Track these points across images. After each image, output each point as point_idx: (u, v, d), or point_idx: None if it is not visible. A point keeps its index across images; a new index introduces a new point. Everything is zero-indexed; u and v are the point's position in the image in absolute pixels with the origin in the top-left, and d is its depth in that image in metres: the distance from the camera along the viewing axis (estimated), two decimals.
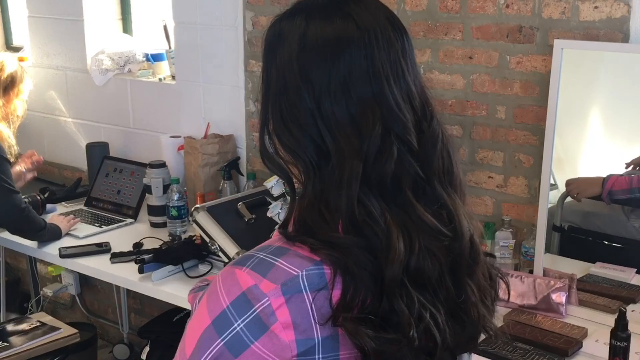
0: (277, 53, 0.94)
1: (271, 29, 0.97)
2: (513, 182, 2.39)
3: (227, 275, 0.90)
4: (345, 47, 0.91)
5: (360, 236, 0.88)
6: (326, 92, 0.90)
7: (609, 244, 2.23)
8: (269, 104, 0.95)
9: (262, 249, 0.92)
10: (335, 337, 0.89)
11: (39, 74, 3.74)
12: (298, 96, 0.91)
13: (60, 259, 2.67)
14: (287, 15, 0.96)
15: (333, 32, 0.91)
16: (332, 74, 0.90)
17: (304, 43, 0.92)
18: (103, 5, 3.50)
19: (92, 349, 3.40)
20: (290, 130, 0.92)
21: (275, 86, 0.94)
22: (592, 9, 2.15)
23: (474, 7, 2.36)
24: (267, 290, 0.87)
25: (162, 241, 2.63)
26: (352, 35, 0.91)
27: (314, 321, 0.87)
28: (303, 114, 0.91)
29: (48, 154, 3.82)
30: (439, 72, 2.47)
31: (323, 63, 0.91)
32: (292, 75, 0.92)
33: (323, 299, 0.88)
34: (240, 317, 0.87)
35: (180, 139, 3.07)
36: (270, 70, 0.95)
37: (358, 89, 0.90)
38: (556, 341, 1.91)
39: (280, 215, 2.28)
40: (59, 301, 3.97)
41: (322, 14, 0.93)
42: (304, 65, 0.91)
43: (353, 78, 0.90)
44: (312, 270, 0.88)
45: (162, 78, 3.30)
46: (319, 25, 0.92)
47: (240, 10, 2.93)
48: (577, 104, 2.25)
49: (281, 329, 0.86)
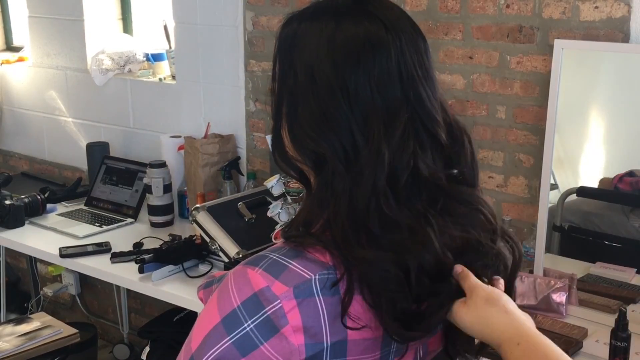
0: (300, 53, 0.93)
1: (289, 29, 0.95)
2: (513, 182, 2.39)
3: (240, 274, 0.90)
4: (378, 49, 0.91)
5: (386, 244, 0.88)
6: (361, 94, 0.90)
7: (609, 244, 2.23)
8: (285, 103, 0.94)
9: (275, 250, 0.92)
10: (344, 342, 0.89)
11: (39, 74, 3.74)
12: (330, 97, 0.90)
13: (60, 258, 2.67)
14: (309, 15, 0.95)
15: (364, 33, 0.91)
16: (366, 76, 0.90)
17: (334, 44, 0.91)
18: (103, 5, 3.50)
19: (92, 349, 3.41)
20: (316, 130, 0.90)
21: (298, 86, 0.92)
22: (592, 9, 2.15)
23: (474, 7, 2.36)
24: (280, 292, 0.86)
25: (162, 241, 2.63)
26: (383, 37, 0.91)
27: (325, 326, 0.87)
28: (334, 114, 0.90)
29: (48, 154, 3.82)
30: (439, 72, 2.47)
31: (357, 64, 0.90)
32: (323, 76, 0.90)
33: (335, 304, 0.88)
34: (250, 318, 0.86)
35: (180, 139, 3.07)
36: (289, 70, 0.93)
37: (391, 90, 0.91)
38: (556, 341, 1.90)
39: (280, 215, 2.28)
40: (59, 301, 3.96)
41: (349, 15, 0.93)
42: (336, 66, 0.90)
43: (387, 80, 0.91)
44: (325, 274, 0.88)
45: (162, 78, 3.30)
46: (349, 26, 0.91)
47: (240, 10, 2.93)
48: (577, 104, 2.25)
49: (291, 332, 0.86)
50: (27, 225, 2.95)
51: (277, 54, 0.96)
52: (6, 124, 3.99)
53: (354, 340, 0.89)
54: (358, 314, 0.89)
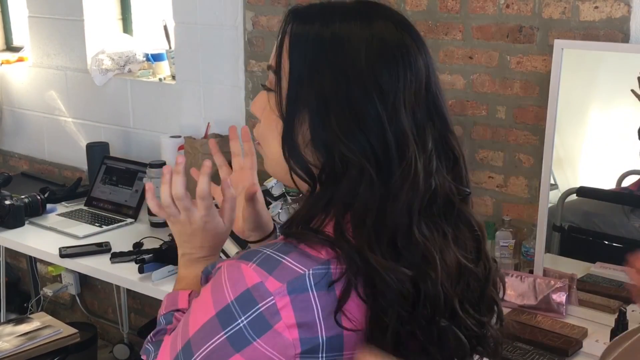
0: (340, 56, 0.90)
1: (318, 29, 0.92)
2: (513, 182, 2.39)
3: (233, 268, 0.89)
4: (410, 55, 0.92)
5: (405, 262, 0.88)
6: (399, 100, 0.90)
7: (609, 244, 2.23)
8: (305, 104, 0.91)
9: (269, 246, 0.91)
10: (340, 337, 0.88)
11: (39, 74, 3.74)
12: (365, 102, 0.89)
13: (60, 258, 2.67)
14: (338, 16, 0.93)
15: (396, 39, 0.92)
16: (404, 82, 0.90)
17: (372, 49, 0.90)
18: (103, 5, 3.50)
19: (92, 349, 3.41)
20: (347, 133, 0.89)
21: (328, 87, 0.90)
22: (592, 9, 2.15)
23: (474, 7, 2.36)
24: (273, 288, 0.86)
25: (162, 241, 2.63)
26: (409, 44, 0.93)
27: (319, 321, 0.87)
28: (368, 119, 0.89)
29: (48, 154, 3.82)
30: (439, 72, 2.44)
31: (394, 70, 0.90)
32: (359, 81, 0.89)
33: (330, 299, 0.87)
34: (244, 314, 0.86)
35: (180, 139, 3.07)
36: (319, 72, 0.91)
37: (423, 97, 0.92)
38: (556, 341, 1.92)
39: (280, 216, 2.28)
40: (59, 301, 3.97)
41: (377, 18, 0.93)
42: (374, 71, 0.89)
43: (420, 86, 0.92)
44: (319, 269, 0.88)
45: (162, 78, 3.30)
46: (382, 31, 0.92)
47: (240, 10, 2.93)
48: (577, 104, 2.25)
49: (285, 328, 0.86)
50: (27, 225, 2.95)
51: (304, 54, 0.92)
52: (6, 124, 3.99)
53: (350, 334, 0.89)
54: (353, 312, 0.88)
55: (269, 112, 0.98)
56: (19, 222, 2.92)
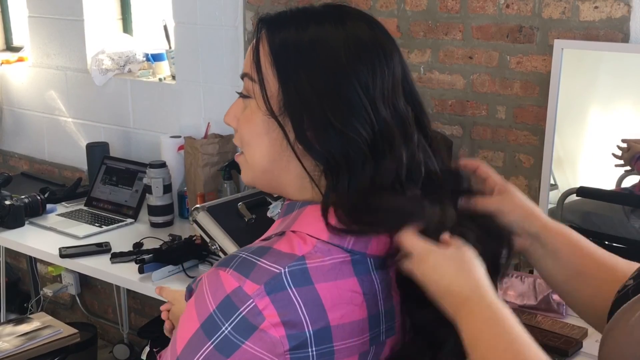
0: (310, 58, 0.93)
1: (290, 35, 0.95)
2: (513, 182, 2.37)
3: (212, 277, 0.91)
4: (386, 51, 0.96)
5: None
6: (380, 92, 0.93)
7: (609, 244, 2.23)
8: (302, 107, 0.93)
9: (245, 249, 0.93)
10: (327, 329, 0.89)
11: (39, 74, 3.74)
12: (354, 95, 0.92)
13: (60, 259, 2.67)
14: (309, 20, 0.95)
15: (370, 37, 0.96)
16: (381, 77, 0.94)
17: (349, 48, 0.93)
18: (103, 5, 3.50)
19: (92, 349, 3.41)
20: (345, 125, 0.92)
21: (315, 89, 0.92)
22: (592, 9, 2.15)
23: (474, 7, 2.36)
24: (251, 291, 0.87)
25: (162, 241, 2.63)
26: (385, 41, 0.97)
27: (303, 316, 0.88)
28: (360, 110, 0.92)
29: (48, 154, 3.82)
30: (439, 72, 2.47)
31: (372, 66, 0.94)
32: (344, 76, 0.92)
33: (310, 293, 0.88)
34: (227, 321, 0.87)
35: (180, 139, 3.07)
36: (300, 75, 0.93)
37: (401, 90, 0.97)
38: (556, 341, 1.92)
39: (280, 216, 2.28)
40: (59, 301, 3.97)
41: (350, 20, 0.96)
42: (355, 67, 0.93)
43: (397, 79, 0.96)
44: (295, 265, 0.89)
45: (162, 78, 3.30)
46: (357, 30, 0.95)
47: (240, 10, 2.93)
48: (577, 104, 2.25)
49: (270, 326, 0.87)
50: (27, 226, 2.95)
51: (287, 59, 0.94)
52: (6, 124, 3.99)
53: (337, 325, 0.90)
54: (334, 298, 0.90)
55: (249, 117, 0.99)
56: (19, 222, 2.93)
